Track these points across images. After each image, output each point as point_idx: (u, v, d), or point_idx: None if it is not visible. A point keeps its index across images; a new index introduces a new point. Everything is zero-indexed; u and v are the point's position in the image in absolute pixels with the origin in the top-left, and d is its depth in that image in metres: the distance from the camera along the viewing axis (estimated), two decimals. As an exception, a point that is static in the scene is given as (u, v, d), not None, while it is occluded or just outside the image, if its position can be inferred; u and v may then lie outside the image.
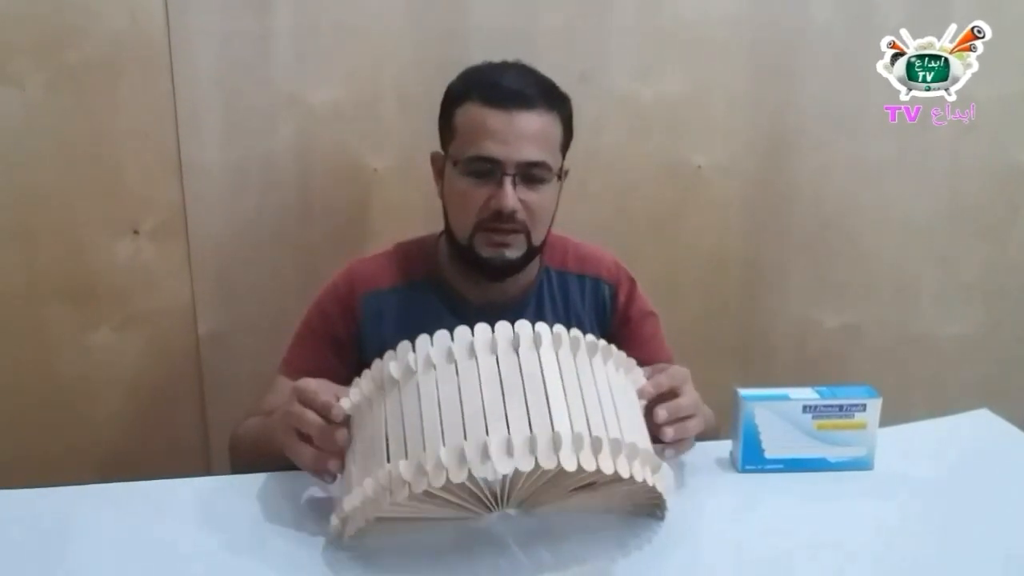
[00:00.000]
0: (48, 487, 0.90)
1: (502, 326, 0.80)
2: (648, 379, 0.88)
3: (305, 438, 0.83)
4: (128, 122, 1.31)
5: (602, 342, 0.84)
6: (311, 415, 0.82)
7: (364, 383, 0.83)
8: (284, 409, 0.86)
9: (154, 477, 0.93)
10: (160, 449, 1.43)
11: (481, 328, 0.79)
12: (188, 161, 1.34)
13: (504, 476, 0.74)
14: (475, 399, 0.75)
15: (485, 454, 0.71)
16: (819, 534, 0.84)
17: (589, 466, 0.71)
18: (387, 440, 0.77)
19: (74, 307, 1.36)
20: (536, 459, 0.71)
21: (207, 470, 1.43)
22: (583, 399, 0.78)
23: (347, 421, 0.82)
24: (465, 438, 0.72)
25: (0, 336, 1.34)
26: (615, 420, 0.78)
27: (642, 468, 0.76)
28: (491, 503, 0.76)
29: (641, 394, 0.86)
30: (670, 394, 0.88)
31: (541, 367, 0.77)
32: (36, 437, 1.39)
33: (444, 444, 0.72)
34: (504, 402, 0.75)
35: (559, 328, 0.80)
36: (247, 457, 1.02)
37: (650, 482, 0.77)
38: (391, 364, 0.80)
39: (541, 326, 0.80)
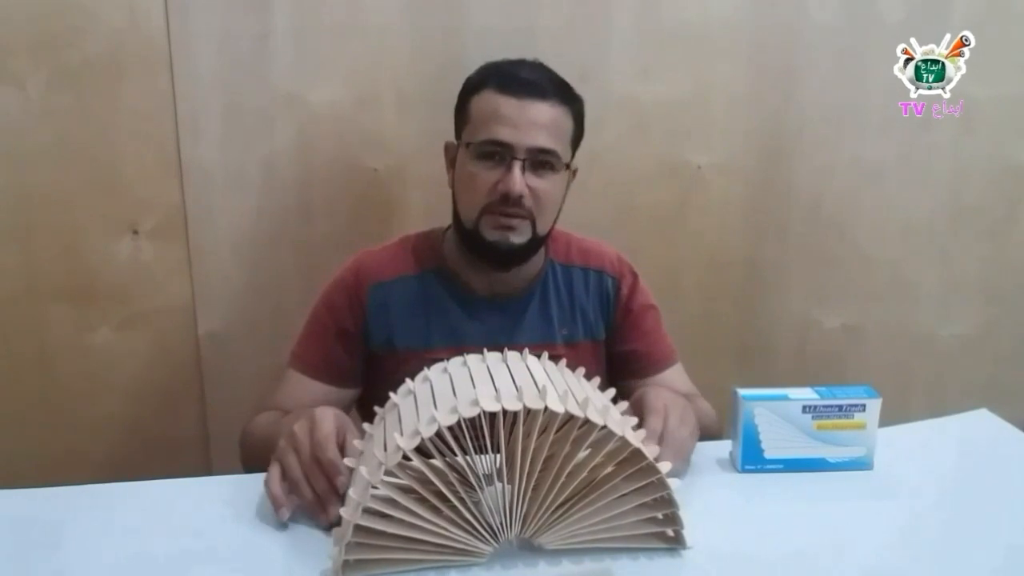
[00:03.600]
0: (48, 487, 0.90)
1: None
2: (627, 412, 0.88)
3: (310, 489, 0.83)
4: (128, 122, 1.31)
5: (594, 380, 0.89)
6: (321, 483, 0.82)
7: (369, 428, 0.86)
8: (294, 444, 0.85)
9: (154, 477, 0.93)
10: (160, 449, 1.43)
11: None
12: (188, 161, 1.34)
13: (505, 500, 0.75)
14: (466, 382, 0.79)
15: (475, 403, 0.73)
16: (819, 534, 0.84)
17: (577, 412, 0.73)
18: (385, 442, 0.78)
19: (74, 307, 1.36)
20: (523, 403, 0.73)
21: (207, 470, 1.43)
22: (568, 386, 0.81)
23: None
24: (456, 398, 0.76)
25: (0, 336, 1.34)
26: (601, 403, 0.81)
27: (635, 437, 0.77)
28: (496, 526, 0.76)
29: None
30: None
31: (527, 366, 0.83)
32: (36, 437, 1.39)
33: (436, 408, 0.75)
34: (492, 379, 0.79)
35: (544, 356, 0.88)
36: (255, 456, 1.02)
37: (646, 452, 0.76)
38: (392, 395, 0.85)
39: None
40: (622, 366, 1.18)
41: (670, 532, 0.81)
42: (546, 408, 0.73)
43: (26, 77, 1.26)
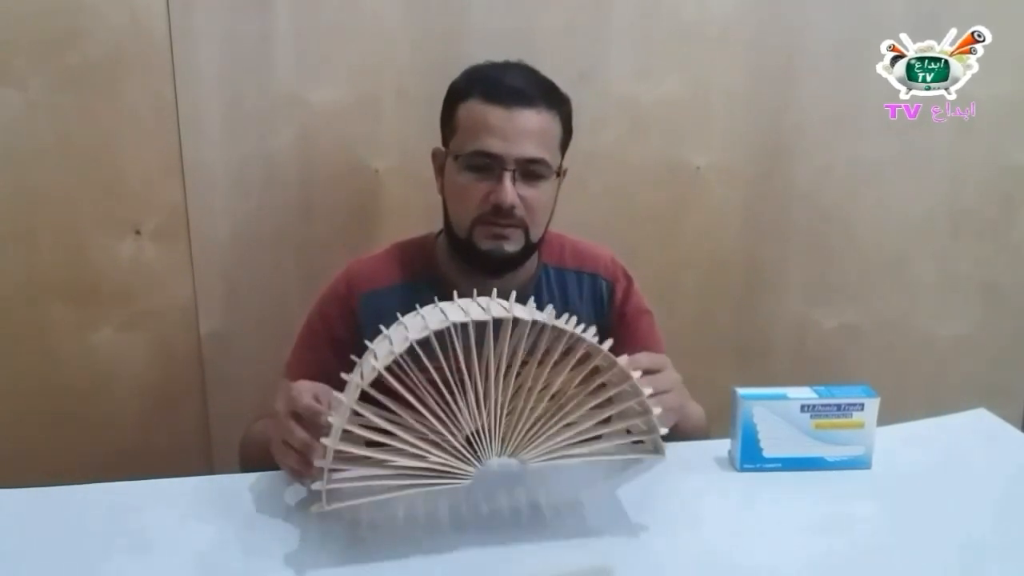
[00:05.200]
0: (49, 487, 0.90)
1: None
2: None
3: (292, 448, 0.84)
4: (129, 122, 1.31)
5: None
6: (300, 433, 0.83)
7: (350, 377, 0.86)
8: (276, 418, 0.86)
9: (156, 476, 0.93)
10: (162, 448, 1.43)
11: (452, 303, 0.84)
12: (189, 161, 1.35)
13: (482, 419, 0.75)
14: (437, 313, 0.79)
15: (444, 317, 0.74)
16: (817, 533, 0.84)
17: (543, 319, 0.74)
18: (362, 372, 0.79)
19: (76, 307, 1.36)
20: (491, 315, 0.73)
21: (209, 469, 1.44)
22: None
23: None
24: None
25: (2, 336, 1.35)
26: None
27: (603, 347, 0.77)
28: (477, 447, 0.76)
29: None
30: (648, 374, 0.88)
31: (502, 303, 0.82)
32: (38, 437, 1.39)
33: (408, 331, 0.76)
34: (464, 309, 0.78)
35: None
36: (252, 460, 1.02)
37: (615, 358, 0.77)
38: (368, 343, 0.84)
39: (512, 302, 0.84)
40: None
41: (647, 442, 0.82)
42: (514, 318, 0.73)
43: (27, 77, 1.26)
